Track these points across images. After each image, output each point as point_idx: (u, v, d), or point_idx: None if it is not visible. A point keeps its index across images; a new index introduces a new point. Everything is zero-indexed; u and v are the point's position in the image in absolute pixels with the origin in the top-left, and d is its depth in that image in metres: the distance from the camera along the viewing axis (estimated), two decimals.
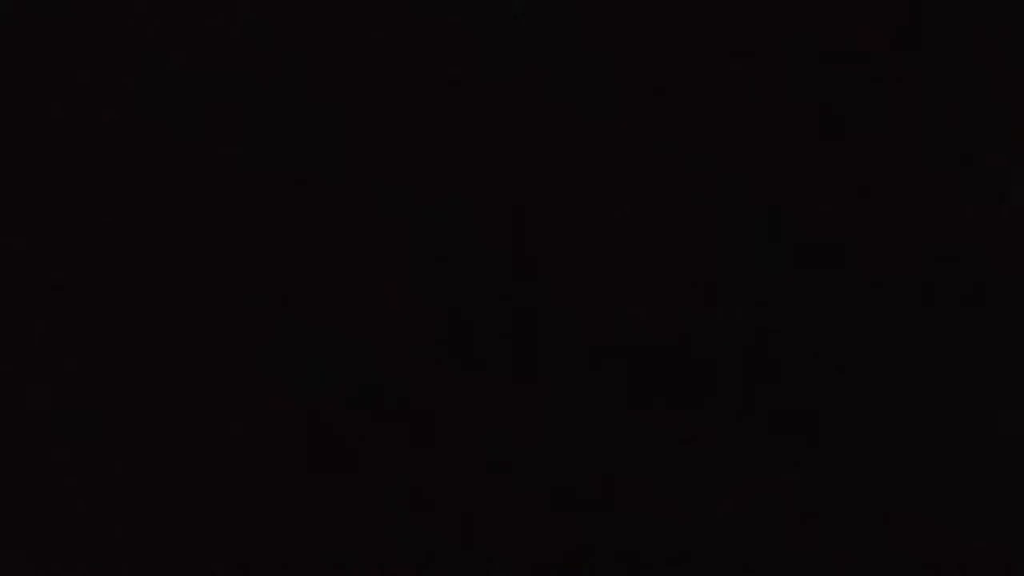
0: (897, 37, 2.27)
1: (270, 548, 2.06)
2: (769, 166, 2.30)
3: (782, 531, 2.08)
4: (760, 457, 2.15)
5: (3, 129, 2.27)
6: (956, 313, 2.22)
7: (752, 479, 2.13)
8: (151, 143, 2.31)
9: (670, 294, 2.28)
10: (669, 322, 2.26)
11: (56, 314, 2.21)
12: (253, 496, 2.11)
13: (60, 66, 2.29)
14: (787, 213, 2.28)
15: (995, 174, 2.26)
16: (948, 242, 2.24)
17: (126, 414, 2.16)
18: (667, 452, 2.17)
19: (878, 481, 2.12)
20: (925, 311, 2.23)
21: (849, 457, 2.14)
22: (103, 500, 2.08)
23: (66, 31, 2.30)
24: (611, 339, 2.26)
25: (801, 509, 2.09)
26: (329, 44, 2.35)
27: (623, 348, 2.26)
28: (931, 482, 2.11)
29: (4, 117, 2.28)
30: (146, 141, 2.31)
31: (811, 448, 2.15)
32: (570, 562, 2.12)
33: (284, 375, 2.20)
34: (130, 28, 2.31)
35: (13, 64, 2.29)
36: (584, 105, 2.34)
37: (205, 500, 2.10)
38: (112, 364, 2.19)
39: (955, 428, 2.15)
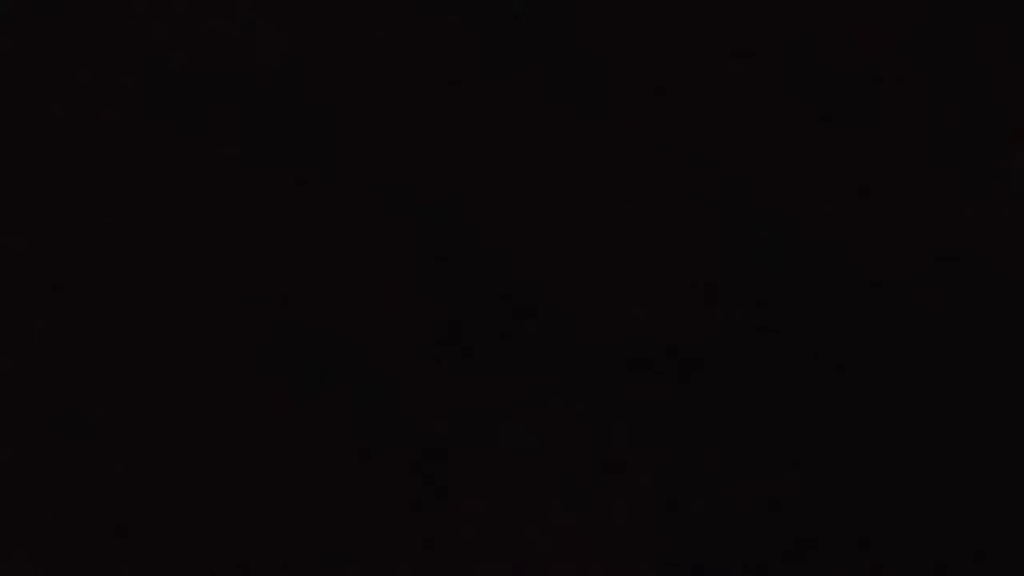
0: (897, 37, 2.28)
1: (270, 548, 2.06)
2: (769, 166, 2.30)
3: (782, 531, 2.08)
4: (760, 456, 2.15)
5: (3, 129, 2.27)
6: (956, 313, 2.22)
7: (752, 479, 2.13)
8: (151, 143, 2.31)
9: (670, 294, 2.28)
10: (669, 322, 2.26)
11: (56, 314, 2.21)
12: (253, 496, 2.11)
13: (60, 66, 2.30)
14: (787, 213, 2.28)
15: (995, 174, 2.26)
16: (948, 242, 2.25)
17: (126, 413, 2.16)
18: (666, 451, 2.18)
19: (878, 480, 2.12)
20: (925, 311, 2.23)
21: (849, 456, 2.14)
22: (103, 500, 2.08)
23: (66, 31, 2.30)
24: (611, 339, 2.26)
25: (801, 508, 2.10)
26: (329, 44, 2.35)
27: (623, 348, 2.26)
28: (931, 481, 2.11)
29: (4, 117, 2.28)
30: (146, 141, 2.31)
31: (811, 448, 2.15)
32: (573, 560, 2.13)
33: (284, 375, 2.20)
34: (130, 28, 2.31)
35: (13, 64, 2.29)
36: (584, 105, 2.34)
37: (205, 500, 2.10)
38: (112, 364, 2.19)
39: (955, 427, 2.15)
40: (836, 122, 2.28)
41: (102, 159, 2.29)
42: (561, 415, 2.21)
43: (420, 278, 2.29)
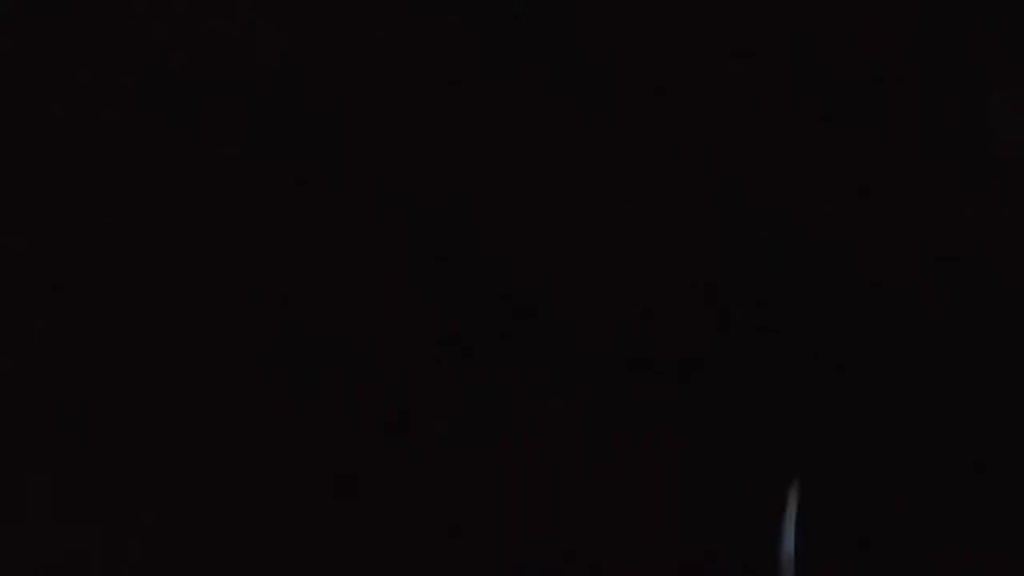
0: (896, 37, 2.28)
1: (269, 548, 2.06)
2: (769, 166, 2.30)
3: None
4: (760, 457, 2.15)
5: (3, 129, 2.27)
6: (956, 313, 2.22)
7: (752, 479, 2.13)
8: (151, 143, 2.31)
9: (670, 294, 2.28)
10: (669, 322, 2.26)
11: (56, 314, 2.21)
12: (252, 496, 2.11)
13: (60, 66, 2.29)
14: (787, 213, 2.28)
15: (995, 174, 2.26)
16: (948, 242, 2.25)
17: (126, 414, 2.16)
18: (665, 451, 2.18)
19: (878, 480, 2.12)
20: (925, 311, 2.23)
21: (848, 457, 2.14)
22: (103, 501, 2.09)
23: (66, 31, 2.30)
24: (611, 339, 2.26)
25: (800, 510, 2.10)
26: (329, 44, 2.35)
27: (623, 348, 2.26)
28: (930, 482, 2.11)
29: (4, 117, 2.28)
30: (146, 141, 2.31)
31: (811, 449, 2.15)
32: (573, 561, 2.13)
33: (284, 375, 2.21)
34: (130, 28, 2.31)
35: (13, 64, 2.29)
36: (584, 105, 2.34)
37: (204, 499, 2.10)
38: (112, 364, 2.19)
39: (955, 427, 2.15)
40: (836, 122, 2.28)
41: (102, 159, 2.29)
42: (561, 415, 2.21)
43: (420, 278, 2.30)
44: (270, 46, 2.33)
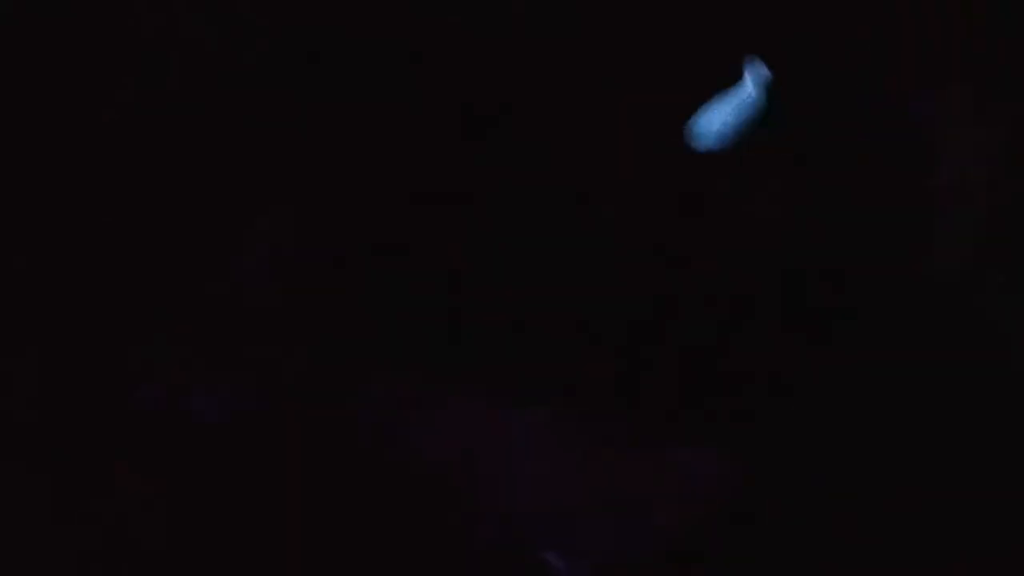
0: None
1: (271, 549, 2.06)
2: (767, 165, 2.31)
3: (784, 531, 2.09)
4: (760, 457, 2.16)
5: (3, 129, 2.28)
6: (955, 312, 2.23)
7: (753, 479, 2.14)
8: (151, 143, 2.31)
9: (670, 293, 2.28)
10: (670, 321, 2.27)
11: (56, 314, 2.22)
12: (251, 500, 2.12)
13: (60, 66, 2.30)
14: (786, 213, 2.29)
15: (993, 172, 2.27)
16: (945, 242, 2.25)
17: (125, 414, 2.16)
18: (663, 450, 2.18)
19: (874, 482, 2.13)
20: (923, 310, 2.24)
21: (847, 458, 2.15)
22: (102, 501, 2.09)
23: (66, 31, 2.30)
24: (611, 339, 2.26)
25: (798, 515, 2.10)
26: (329, 44, 2.35)
27: (623, 348, 2.26)
28: (930, 482, 2.12)
29: (4, 117, 2.28)
30: (146, 141, 2.31)
31: (809, 450, 2.15)
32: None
33: (286, 375, 2.21)
34: (130, 28, 2.31)
35: (13, 64, 2.29)
36: (584, 104, 2.34)
37: (202, 499, 2.11)
38: (114, 363, 2.19)
39: (956, 428, 2.16)
40: (835, 122, 2.29)
41: (102, 159, 2.30)
42: (561, 415, 2.21)
43: (420, 278, 2.30)
44: (270, 46, 2.33)
